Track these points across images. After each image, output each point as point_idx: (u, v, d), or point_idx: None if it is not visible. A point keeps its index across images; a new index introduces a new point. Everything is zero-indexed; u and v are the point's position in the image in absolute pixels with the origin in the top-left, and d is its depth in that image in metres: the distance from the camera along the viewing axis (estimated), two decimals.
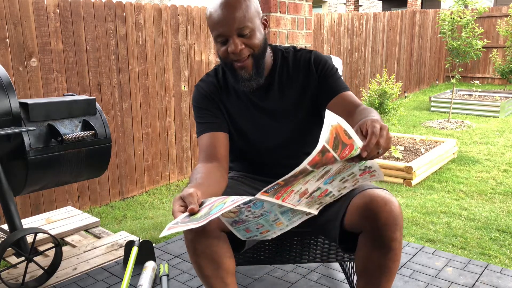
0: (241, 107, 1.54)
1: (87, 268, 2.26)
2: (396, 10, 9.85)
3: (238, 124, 1.55)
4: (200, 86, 1.57)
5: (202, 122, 1.52)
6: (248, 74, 1.43)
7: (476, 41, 6.13)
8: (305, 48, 1.60)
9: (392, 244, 1.26)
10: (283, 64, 1.56)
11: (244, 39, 1.38)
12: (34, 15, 3.21)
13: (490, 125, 6.33)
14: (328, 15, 6.89)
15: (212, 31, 1.41)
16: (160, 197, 4.00)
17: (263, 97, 1.54)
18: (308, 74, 1.54)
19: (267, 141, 1.56)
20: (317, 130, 1.61)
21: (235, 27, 1.35)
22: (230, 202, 1.03)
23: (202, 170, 1.37)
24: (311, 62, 1.54)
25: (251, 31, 1.38)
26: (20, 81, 3.17)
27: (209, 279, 1.33)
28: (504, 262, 2.52)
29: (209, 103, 1.53)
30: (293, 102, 1.55)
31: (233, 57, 1.40)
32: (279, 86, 1.54)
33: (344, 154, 1.03)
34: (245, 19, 1.36)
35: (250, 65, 1.42)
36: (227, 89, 1.56)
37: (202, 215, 1.04)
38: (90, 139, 2.19)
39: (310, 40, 3.04)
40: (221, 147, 1.47)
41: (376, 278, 1.33)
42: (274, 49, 1.57)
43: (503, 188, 3.80)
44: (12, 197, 2.03)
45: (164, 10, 4.07)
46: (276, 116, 1.54)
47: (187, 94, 4.38)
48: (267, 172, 1.62)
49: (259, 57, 1.43)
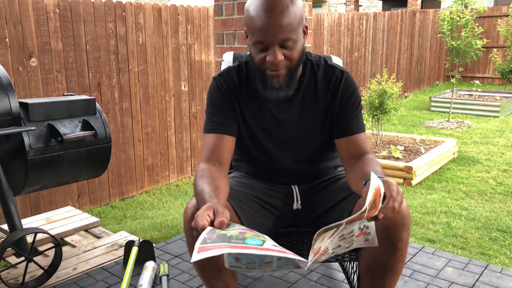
0: (257, 114, 1.49)
1: (87, 268, 2.26)
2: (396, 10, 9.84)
3: (251, 128, 1.50)
4: (218, 80, 1.49)
5: (212, 119, 1.45)
6: (279, 84, 1.35)
7: (475, 40, 6.12)
8: (337, 66, 1.51)
9: (399, 244, 1.26)
10: (311, 77, 1.49)
11: (286, 51, 1.30)
12: (34, 15, 3.20)
13: (490, 125, 6.33)
14: (328, 15, 6.88)
15: (251, 35, 1.32)
16: (160, 197, 4.00)
17: (283, 109, 1.48)
18: (334, 95, 1.47)
19: (276, 151, 1.52)
20: (326, 149, 1.57)
21: (279, 38, 1.27)
22: (272, 246, 0.97)
23: (211, 174, 1.31)
24: (341, 85, 1.47)
25: (294, 42, 1.30)
26: (20, 81, 3.17)
27: (211, 280, 1.33)
28: (504, 262, 2.52)
29: (224, 101, 1.46)
30: (312, 120, 1.49)
31: (269, 67, 1.32)
32: (302, 100, 1.48)
33: (369, 214, 1.05)
34: (290, 29, 1.27)
35: (284, 75, 1.34)
36: (248, 91, 1.48)
37: (234, 237, 0.97)
38: (90, 139, 2.18)
39: (310, 40, 3.04)
40: (225, 151, 1.42)
41: (381, 277, 1.33)
42: (305, 59, 1.48)
43: (503, 188, 3.80)
44: (12, 197, 2.03)
45: (164, 10, 4.07)
46: (291, 130, 1.49)
47: (187, 94, 4.38)
48: (273, 178, 1.59)
49: (295, 69, 1.36)
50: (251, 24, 1.30)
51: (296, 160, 1.54)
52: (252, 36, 1.32)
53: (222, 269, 1.31)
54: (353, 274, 1.94)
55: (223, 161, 1.41)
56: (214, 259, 1.30)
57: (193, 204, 1.29)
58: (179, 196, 4.01)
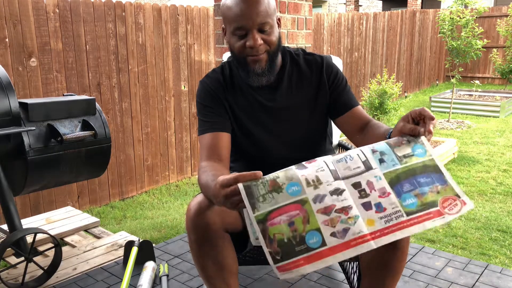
0: (246, 106, 1.52)
1: (87, 268, 2.26)
2: (396, 10, 9.84)
3: (243, 123, 1.53)
4: (205, 82, 1.53)
5: (205, 120, 1.48)
6: (261, 69, 1.41)
7: (476, 41, 6.12)
8: (315, 53, 1.59)
9: (399, 244, 1.26)
10: (292, 65, 1.55)
11: (264, 35, 1.37)
12: (33, 15, 3.20)
13: (490, 125, 6.33)
14: (328, 15, 6.88)
15: (230, 22, 1.38)
16: (160, 197, 4.00)
17: (270, 97, 1.52)
18: (319, 80, 1.53)
19: (270, 141, 1.54)
20: (320, 134, 1.61)
21: (257, 21, 1.34)
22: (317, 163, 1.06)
23: (213, 168, 1.33)
24: (323, 70, 1.53)
25: (270, 27, 1.38)
26: (20, 81, 3.17)
27: (212, 280, 1.33)
28: (504, 262, 2.52)
29: (213, 101, 1.50)
30: (300, 105, 1.54)
31: (249, 52, 1.38)
32: (288, 87, 1.53)
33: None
34: (267, 14, 1.36)
35: (265, 60, 1.40)
36: (233, 87, 1.53)
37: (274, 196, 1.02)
38: (89, 139, 2.18)
39: (310, 40, 3.04)
40: (223, 148, 1.45)
41: (382, 277, 1.33)
42: (283, 50, 1.55)
43: (503, 188, 3.80)
44: (12, 197, 2.03)
45: (164, 10, 4.07)
46: (281, 117, 1.53)
47: (187, 94, 4.38)
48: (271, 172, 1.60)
49: (274, 54, 1.43)
50: (229, 13, 1.37)
51: (291, 148, 1.56)
52: (230, 25, 1.38)
53: (224, 269, 1.31)
54: (353, 274, 1.94)
55: (222, 157, 1.43)
56: (217, 260, 1.29)
57: (196, 202, 1.29)
58: (179, 196, 4.01)
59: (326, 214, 1.02)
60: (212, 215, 1.27)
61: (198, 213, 1.26)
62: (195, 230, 1.27)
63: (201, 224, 1.26)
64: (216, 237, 1.28)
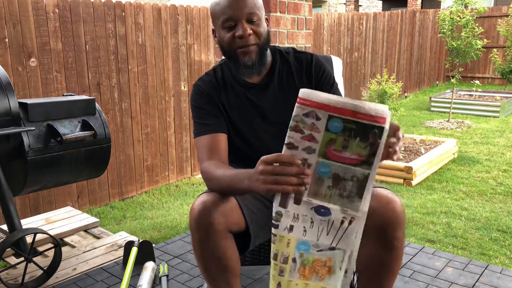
0: (239, 106, 1.53)
1: (87, 269, 2.26)
2: (396, 10, 9.84)
3: (236, 124, 1.53)
4: (198, 85, 1.55)
5: (201, 122, 1.49)
6: (251, 61, 1.43)
7: (476, 41, 6.12)
8: (305, 51, 1.60)
9: (394, 243, 1.26)
10: (283, 63, 1.55)
11: (253, 26, 1.40)
12: (33, 15, 3.20)
13: (490, 125, 6.33)
14: (328, 15, 6.88)
15: (219, 16, 1.41)
16: (159, 197, 4.00)
17: (260, 95, 1.53)
18: (308, 76, 1.54)
19: (261, 140, 1.54)
20: None
21: (245, 11, 1.38)
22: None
23: (220, 164, 1.34)
24: (312, 66, 1.54)
25: (259, 19, 1.41)
26: (20, 81, 3.17)
27: (215, 281, 1.32)
28: (504, 262, 2.51)
29: (208, 102, 1.51)
30: (291, 103, 1.53)
31: (239, 43, 1.40)
32: (278, 85, 1.53)
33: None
34: (255, 6, 1.40)
35: (255, 52, 1.42)
36: (226, 88, 1.54)
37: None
38: (89, 139, 2.18)
39: (310, 40, 3.04)
40: (221, 148, 1.45)
41: (378, 276, 1.33)
42: (273, 49, 1.57)
43: (503, 188, 3.80)
44: (12, 197, 2.02)
45: (163, 10, 4.07)
46: (270, 116, 1.53)
47: (187, 94, 4.38)
48: None
49: (263, 47, 1.45)
50: (217, 8, 1.41)
51: (279, 149, 1.54)
52: (219, 19, 1.41)
53: (227, 270, 1.30)
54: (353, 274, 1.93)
55: (222, 158, 1.43)
56: (220, 260, 1.28)
57: (200, 202, 1.28)
58: (179, 197, 4.01)
59: None
60: (216, 215, 1.26)
61: (202, 213, 1.26)
62: (199, 230, 1.27)
63: (205, 224, 1.25)
64: (220, 238, 1.27)
